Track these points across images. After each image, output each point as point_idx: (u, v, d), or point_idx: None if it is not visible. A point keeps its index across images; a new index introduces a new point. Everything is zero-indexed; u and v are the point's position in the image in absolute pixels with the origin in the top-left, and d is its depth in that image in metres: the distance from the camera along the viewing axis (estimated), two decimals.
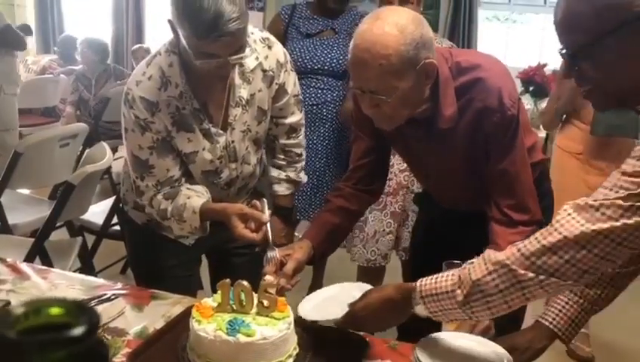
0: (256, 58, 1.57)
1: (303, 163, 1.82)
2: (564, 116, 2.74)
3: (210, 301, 1.25)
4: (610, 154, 2.51)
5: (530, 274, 1.03)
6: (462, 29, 5.27)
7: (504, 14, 5.80)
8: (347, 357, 1.23)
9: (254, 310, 1.22)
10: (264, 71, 1.59)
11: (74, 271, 2.49)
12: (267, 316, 1.21)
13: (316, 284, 3.08)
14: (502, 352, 1.14)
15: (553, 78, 4.38)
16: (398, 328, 1.83)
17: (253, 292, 1.23)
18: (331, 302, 1.36)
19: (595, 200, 0.99)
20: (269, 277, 1.34)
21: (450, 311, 1.12)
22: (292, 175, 1.79)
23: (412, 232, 2.00)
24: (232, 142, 1.58)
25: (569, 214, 1.01)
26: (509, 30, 5.68)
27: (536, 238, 1.04)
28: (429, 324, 1.31)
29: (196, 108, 1.51)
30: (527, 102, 4.33)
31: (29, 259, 2.22)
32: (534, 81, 4.33)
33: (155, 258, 1.72)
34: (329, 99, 2.75)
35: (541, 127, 4.26)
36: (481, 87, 1.39)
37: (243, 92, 1.56)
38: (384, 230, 2.50)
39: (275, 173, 1.78)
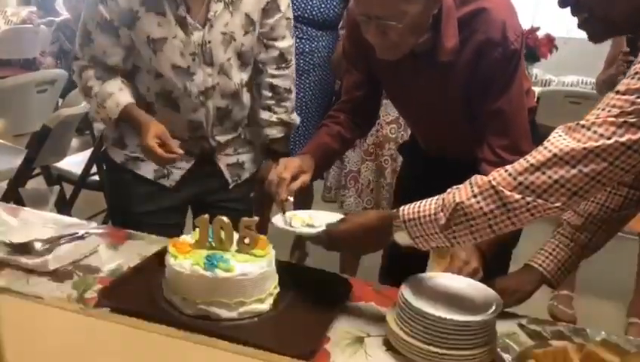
0: None
1: (293, 101, 1.74)
2: None
3: (188, 238, 1.20)
4: None
5: (517, 196, 0.98)
6: None
7: None
8: (330, 298, 1.19)
9: (234, 247, 1.16)
10: None
11: None
12: (247, 253, 1.15)
13: (298, 241, 3.05)
14: (491, 294, 1.10)
15: (545, 43, 4.34)
16: (381, 270, 1.80)
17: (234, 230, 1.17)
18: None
19: (587, 120, 0.96)
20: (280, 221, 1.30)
21: (432, 236, 1.06)
22: (284, 116, 1.70)
23: (395, 183, 1.95)
24: (209, 42, 1.49)
25: (560, 135, 0.97)
26: None
27: (525, 159, 1.00)
28: (414, 266, 1.27)
29: None
30: None
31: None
32: (527, 45, 4.28)
33: (132, 201, 1.62)
34: (307, 50, 2.62)
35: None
36: (484, 18, 1.33)
37: None
38: (374, 179, 2.46)
39: (265, 115, 1.69)
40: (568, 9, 1.03)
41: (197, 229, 1.18)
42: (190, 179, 1.62)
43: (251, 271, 1.10)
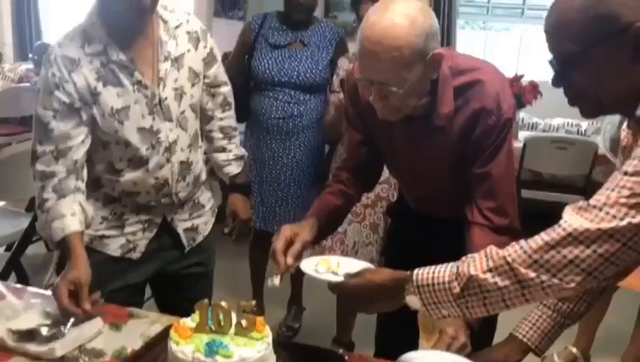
0: (177, 19, 1.63)
1: (238, 136, 1.90)
2: None
3: (189, 321, 1.25)
4: None
5: (532, 274, 1.01)
6: (440, 38, 5.32)
7: (481, 24, 5.88)
8: None
9: (232, 330, 1.22)
10: (188, 32, 1.64)
11: (51, 285, 2.47)
12: (245, 336, 1.21)
13: (296, 296, 3.10)
14: None
15: (530, 89, 4.46)
16: (376, 344, 1.85)
17: (232, 312, 1.23)
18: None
19: (597, 201, 0.99)
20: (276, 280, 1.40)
21: (444, 304, 1.09)
22: (237, 151, 1.88)
23: (384, 243, 2.02)
24: (165, 98, 1.58)
25: (572, 215, 1.00)
26: (487, 39, 5.75)
27: (540, 236, 1.02)
28: (406, 341, 1.32)
29: (123, 60, 1.52)
30: None
31: (4, 275, 2.20)
32: (511, 92, 4.39)
33: (100, 281, 1.53)
34: (295, 113, 2.72)
35: (515, 139, 4.32)
36: (480, 88, 1.41)
37: (171, 47, 1.59)
38: (363, 241, 2.52)
39: (222, 156, 1.86)
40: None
41: (197, 312, 1.24)
42: (152, 251, 1.70)
43: (250, 355, 1.15)
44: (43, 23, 6.97)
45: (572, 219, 0.99)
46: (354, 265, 1.38)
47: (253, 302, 1.24)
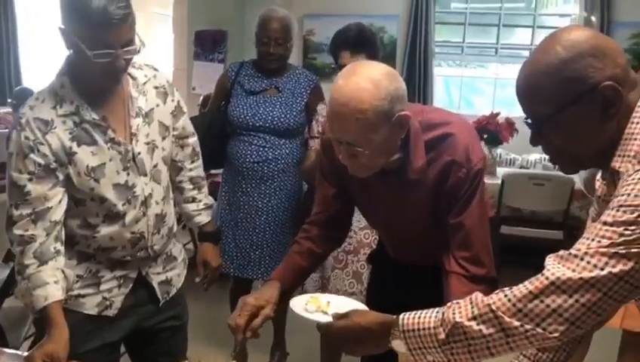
0: (145, 75, 1.66)
1: (206, 186, 1.93)
2: None
3: None
4: None
5: (516, 323, 1.02)
6: (417, 83, 5.42)
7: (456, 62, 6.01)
8: None
9: None
10: (156, 87, 1.68)
11: (29, 337, 2.42)
12: None
13: (279, 341, 3.07)
14: None
15: (506, 127, 4.55)
16: None
17: None
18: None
19: (578, 250, 1.01)
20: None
21: (430, 350, 1.10)
22: (206, 200, 1.91)
23: (367, 292, 2.03)
24: (139, 153, 1.60)
25: (553, 264, 1.02)
26: (463, 80, 5.87)
27: (524, 285, 1.04)
28: None
29: (96, 119, 1.53)
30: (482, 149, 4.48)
31: None
32: (488, 130, 4.48)
33: (75, 340, 1.50)
34: (270, 157, 2.73)
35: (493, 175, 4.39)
36: (450, 142, 1.46)
37: (141, 103, 1.62)
38: (346, 290, 2.52)
39: (192, 207, 1.89)
40: None
41: None
42: (128, 307, 1.69)
43: None
44: (23, 67, 6.99)
45: (554, 268, 1.01)
46: (344, 303, 1.40)
47: (233, 354, 1.23)
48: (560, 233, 4.05)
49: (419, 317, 1.12)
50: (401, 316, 1.14)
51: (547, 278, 1.01)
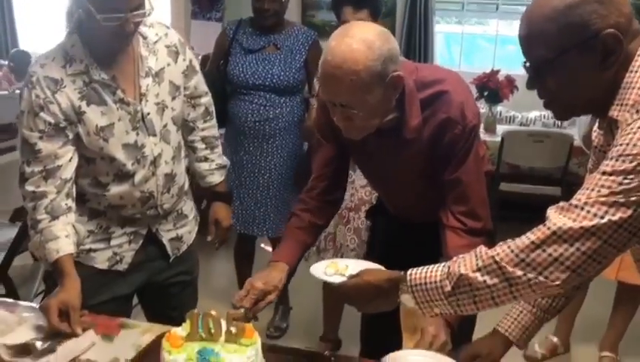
0: (156, 34, 1.65)
1: (220, 146, 1.93)
2: None
3: (180, 330, 1.29)
4: None
5: (519, 272, 1.05)
6: (418, 40, 5.38)
7: (456, 19, 5.95)
8: None
9: (223, 337, 1.26)
10: (167, 46, 1.67)
11: (39, 293, 2.49)
12: (235, 343, 1.25)
13: (282, 297, 3.14)
14: None
15: (506, 84, 4.54)
16: (361, 342, 1.91)
17: (221, 320, 1.27)
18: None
19: (578, 201, 1.03)
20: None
21: (437, 302, 1.14)
22: (219, 160, 1.91)
23: (366, 247, 2.07)
24: (148, 113, 1.61)
25: (555, 214, 1.05)
26: (463, 36, 5.81)
27: (526, 236, 1.07)
28: (390, 339, 1.38)
29: (105, 79, 1.55)
30: (482, 106, 4.47)
31: None
32: (488, 87, 4.47)
33: (87, 293, 1.56)
34: (271, 116, 2.76)
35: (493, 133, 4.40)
36: (445, 99, 1.48)
37: (151, 63, 1.62)
38: (348, 245, 2.57)
39: (204, 166, 1.88)
40: None
41: (187, 321, 1.28)
42: (139, 262, 1.73)
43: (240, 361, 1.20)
44: (19, 29, 6.90)
45: (556, 218, 1.04)
46: (361, 266, 1.44)
47: (242, 310, 1.28)
48: (558, 189, 4.09)
49: (425, 272, 1.16)
50: (408, 272, 1.18)
51: (549, 228, 1.04)
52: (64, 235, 1.54)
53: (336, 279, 1.40)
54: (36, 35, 6.91)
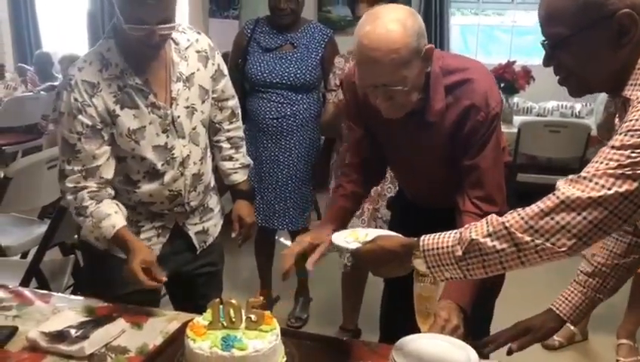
0: (188, 40, 1.72)
1: (245, 146, 2.00)
2: None
3: (202, 319, 1.36)
4: None
5: (527, 238, 1.09)
6: (434, 32, 5.39)
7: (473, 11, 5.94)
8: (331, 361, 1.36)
9: (243, 325, 1.33)
10: (198, 52, 1.74)
11: (69, 287, 2.60)
12: (256, 329, 1.32)
13: (302, 287, 3.22)
14: (472, 352, 1.27)
15: (523, 75, 4.55)
16: (380, 331, 1.97)
17: (242, 309, 1.34)
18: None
19: (587, 173, 1.06)
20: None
21: (447, 267, 1.18)
22: (243, 160, 1.97)
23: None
24: (178, 117, 1.68)
25: (564, 185, 1.09)
26: (480, 28, 5.82)
27: (536, 204, 1.10)
28: (408, 326, 1.44)
29: (139, 83, 1.62)
30: None
31: (25, 281, 2.31)
32: (504, 78, 4.49)
33: (115, 285, 1.68)
34: (289, 113, 2.82)
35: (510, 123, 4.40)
36: (470, 86, 1.53)
37: (182, 68, 1.69)
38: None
39: (228, 165, 1.95)
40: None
41: (208, 311, 1.35)
42: (166, 254, 1.80)
43: (262, 346, 1.26)
44: (42, 31, 7.04)
45: (565, 188, 1.08)
46: (380, 234, 1.48)
47: (261, 298, 1.35)
48: None
49: (438, 238, 1.20)
50: (422, 238, 1.22)
51: (558, 197, 1.08)
52: (114, 211, 1.63)
53: (356, 246, 1.45)
54: (58, 36, 7.05)
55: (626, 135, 1.04)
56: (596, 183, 1.05)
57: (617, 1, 1.07)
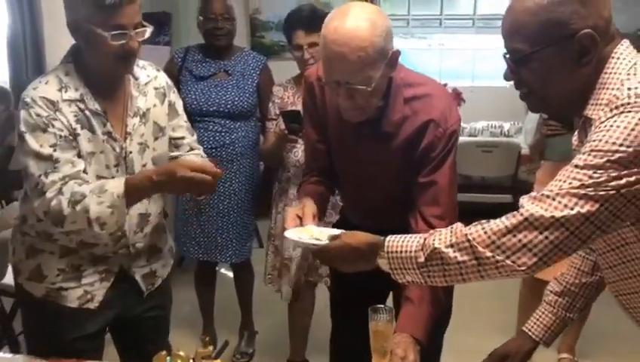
0: (147, 76, 1.69)
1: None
2: None
3: None
4: None
5: (489, 254, 1.09)
6: None
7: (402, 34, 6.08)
8: None
9: None
10: (156, 88, 1.71)
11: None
12: None
13: (247, 321, 3.12)
14: None
15: (453, 97, 4.67)
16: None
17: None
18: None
19: (550, 191, 1.07)
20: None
21: (409, 271, 1.18)
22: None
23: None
24: (130, 152, 1.62)
25: (528, 202, 1.09)
26: (409, 50, 5.95)
27: (501, 220, 1.10)
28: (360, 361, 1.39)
29: (98, 110, 1.56)
30: None
31: None
32: None
33: (56, 332, 1.59)
34: (227, 142, 2.76)
35: None
36: (429, 102, 1.52)
37: (140, 103, 1.64)
38: (309, 259, 2.57)
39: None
40: (470, 59, 1.19)
41: None
42: (111, 299, 1.69)
43: None
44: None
45: (529, 206, 1.08)
46: (335, 231, 1.45)
47: (211, 348, 1.28)
48: (509, 197, 4.23)
49: (402, 241, 1.20)
50: (387, 238, 1.22)
51: (522, 214, 1.08)
52: (106, 180, 1.53)
53: (311, 242, 1.41)
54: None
55: (589, 155, 1.05)
56: (559, 202, 1.05)
57: (579, 21, 1.08)
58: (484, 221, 1.13)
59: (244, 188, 2.82)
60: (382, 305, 1.37)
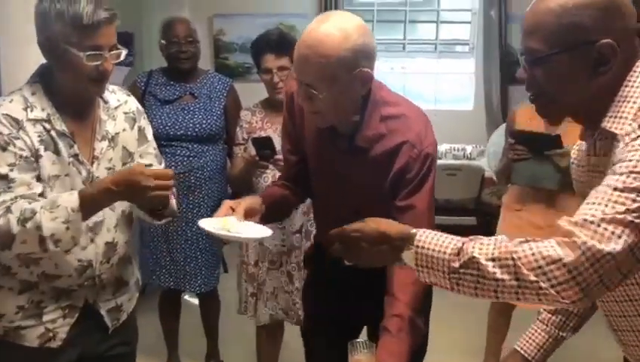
0: (118, 100, 1.66)
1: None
2: None
3: None
4: (528, 201, 2.70)
5: (533, 278, 1.00)
6: None
7: None
8: None
9: None
10: (125, 113, 1.67)
11: None
12: None
13: (213, 350, 3.04)
14: None
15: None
16: None
17: None
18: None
19: (593, 216, 0.99)
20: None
21: (436, 273, 1.09)
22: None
23: (303, 291, 2.04)
24: (97, 177, 1.55)
25: (577, 229, 1.00)
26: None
27: (550, 243, 1.01)
28: None
29: (65, 131, 1.51)
30: None
31: None
32: None
33: None
34: (196, 166, 2.70)
35: None
36: (405, 122, 1.51)
37: (109, 127, 1.60)
38: (282, 287, 2.52)
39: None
40: (433, 82, 1.16)
41: None
42: (74, 336, 1.60)
43: None
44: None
45: (580, 233, 0.99)
46: (247, 225, 1.50)
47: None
48: (473, 219, 4.28)
49: (437, 239, 1.11)
50: (419, 231, 1.13)
51: (574, 242, 0.99)
52: (55, 196, 1.45)
53: (224, 233, 1.44)
54: None
55: (628, 176, 0.99)
56: (605, 229, 0.98)
57: (602, 30, 1.06)
58: (530, 240, 1.04)
59: (212, 212, 2.75)
60: (361, 340, 1.34)
